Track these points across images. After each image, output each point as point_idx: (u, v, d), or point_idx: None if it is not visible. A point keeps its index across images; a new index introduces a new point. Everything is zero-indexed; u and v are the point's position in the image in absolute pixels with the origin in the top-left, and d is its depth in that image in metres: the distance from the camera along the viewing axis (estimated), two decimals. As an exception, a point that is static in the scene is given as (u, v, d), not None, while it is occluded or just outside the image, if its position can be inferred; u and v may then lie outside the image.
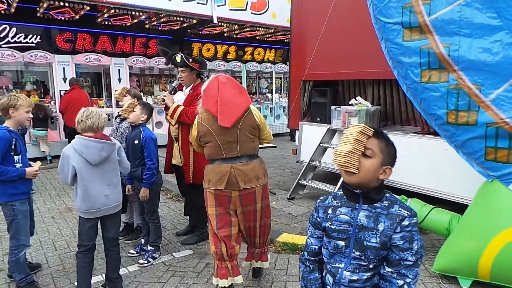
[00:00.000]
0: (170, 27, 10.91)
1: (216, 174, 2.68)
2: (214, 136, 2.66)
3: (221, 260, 2.74)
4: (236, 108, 2.64)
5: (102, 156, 2.73)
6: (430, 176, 4.29)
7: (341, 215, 1.44)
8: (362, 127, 1.39)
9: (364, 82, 5.60)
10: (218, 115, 2.61)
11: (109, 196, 2.81)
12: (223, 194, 2.69)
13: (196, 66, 3.81)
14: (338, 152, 1.39)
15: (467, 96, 2.78)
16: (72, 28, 9.85)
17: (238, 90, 2.76)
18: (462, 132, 2.92)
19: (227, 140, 2.65)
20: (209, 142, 2.70)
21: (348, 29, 5.20)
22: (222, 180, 2.65)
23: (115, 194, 2.87)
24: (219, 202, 2.73)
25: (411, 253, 1.36)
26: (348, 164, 1.37)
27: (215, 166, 2.72)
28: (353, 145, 1.37)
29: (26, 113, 2.99)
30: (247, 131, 2.69)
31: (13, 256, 2.98)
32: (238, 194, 2.69)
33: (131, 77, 10.30)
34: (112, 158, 2.82)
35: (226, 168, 2.66)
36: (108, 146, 2.77)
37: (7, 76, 9.37)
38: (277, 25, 10.89)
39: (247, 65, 11.94)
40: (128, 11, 8.83)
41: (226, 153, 2.68)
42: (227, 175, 2.65)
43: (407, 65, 3.06)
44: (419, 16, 2.89)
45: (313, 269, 1.58)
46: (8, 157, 2.87)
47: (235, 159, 2.69)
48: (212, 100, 2.66)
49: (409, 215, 1.37)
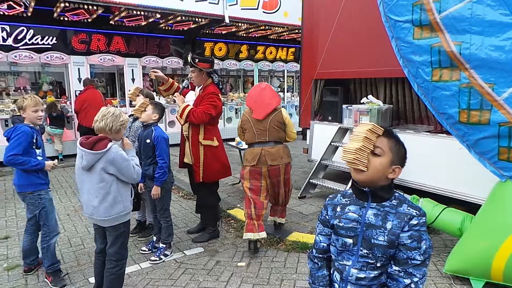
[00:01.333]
0: (182, 27, 11.01)
1: (251, 154, 3.62)
2: (251, 125, 3.65)
3: (250, 219, 3.61)
4: (267, 107, 3.62)
5: (82, 164, 2.52)
6: (442, 175, 4.23)
7: (350, 213, 1.46)
8: (371, 126, 1.40)
9: (376, 81, 5.55)
10: (253, 110, 3.64)
11: (96, 207, 2.57)
12: (256, 169, 3.60)
13: (205, 66, 3.82)
14: (347, 149, 1.40)
15: (479, 95, 2.74)
16: (87, 30, 10.05)
17: (272, 94, 3.73)
18: (474, 132, 2.88)
19: (260, 128, 3.62)
20: (247, 129, 3.69)
21: (359, 28, 5.16)
22: (255, 159, 3.58)
23: (103, 208, 2.57)
24: (252, 175, 3.62)
25: (419, 252, 1.36)
26: (356, 161, 1.37)
27: (250, 149, 3.67)
28: (362, 142, 1.38)
29: (34, 112, 3.12)
30: (275, 124, 3.62)
31: (45, 243, 3.18)
32: (267, 169, 3.60)
33: (144, 77, 10.44)
34: (96, 169, 2.51)
35: (258, 150, 3.60)
36: (88, 155, 2.48)
37: (25, 77, 9.62)
38: (289, 23, 10.87)
39: (259, 64, 11.95)
40: (141, 11, 8.95)
41: (258, 138, 3.62)
42: (259, 155, 3.58)
43: (418, 63, 3.03)
44: (430, 14, 2.85)
45: (321, 266, 1.60)
46: (30, 150, 3.08)
47: (265, 143, 3.61)
48: (251, 100, 3.72)
49: (417, 214, 1.37)
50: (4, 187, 6.33)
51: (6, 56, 8.07)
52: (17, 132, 3.03)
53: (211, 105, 3.72)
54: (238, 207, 4.97)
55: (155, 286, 3.16)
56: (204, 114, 3.67)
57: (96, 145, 2.49)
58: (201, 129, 3.81)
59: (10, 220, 4.76)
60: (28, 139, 3.03)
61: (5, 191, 6.09)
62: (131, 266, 3.51)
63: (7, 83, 9.35)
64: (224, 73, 13.10)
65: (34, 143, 3.11)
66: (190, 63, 3.77)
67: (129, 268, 3.46)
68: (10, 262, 3.62)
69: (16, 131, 3.04)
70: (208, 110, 3.69)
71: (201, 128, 3.81)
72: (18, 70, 9.34)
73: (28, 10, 8.70)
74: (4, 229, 4.44)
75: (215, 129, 3.97)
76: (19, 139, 2.99)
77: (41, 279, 3.28)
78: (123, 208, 2.65)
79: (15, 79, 9.49)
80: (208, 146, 3.84)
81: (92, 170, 2.52)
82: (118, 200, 2.61)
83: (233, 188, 5.97)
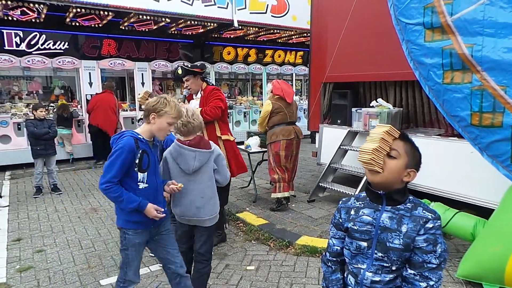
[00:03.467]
0: (191, 32, 11.10)
1: (287, 131, 4.78)
2: (283, 108, 4.82)
3: (275, 182, 4.90)
4: (292, 94, 4.98)
5: (194, 166, 2.54)
6: (454, 179, 4.18)
7: (364, 216, 1.45)
8: (389, 128, 1.40)
9: (386, 84, 5.52)
10: (285, 97, 4.84)
11: (200, 208, 2.60)
12: (290, 141, 4.79)
13: (198, 70, 3.98)
14: (364, 149, 1.40)
15: (492, 97, 2.71)
16: (97, 35, 10.19)
17: (289, 85, 5.11)
18: (486, 134, 2.84)
19: (290, 111, 4.89)
20: (280, 112, 4.80)
21: (368, 31, 5.15)
22: (291, 134, 4.79)
23: (208, 208, 2.63)
24: (288, 147, 4.80)
25: (434, 255, 1.35)
26: (373, 161, 1.37)
27: (283, 127, 4.81)
28: (378, 143, 1.38)
29: (168, 125, 2.33)
30: (296, 108, 5.05)
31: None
32: (296, 142, 4.87)
33: (154, 81, 10.53)
34: (206, 168, 2.58)
35: (290, 127, 4.85)
36: (201, 154, 2.54)
37: (37, 82, 9.78)
38: (298, 27, 10.89)
39: (267, 68, 11.97)
40: (151, 16, 9.05)
41: (289, 118, 4.86)
42: (293, 131, 4.82)
43: (429, 66, 3.01)
44: (441, 16, 2.84)
45: (335, 270, 1.59)
46: (132, 173, 2.25)
47: (293, 123, 4.95)
48: (279, 89, 4.88)
49: (433, 217, 1.37)
50: (16, 190, 6.43)
51: (19, 61, 8.22)
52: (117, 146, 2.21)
53: (218, 99, 3.86)
54: (247, 211, 4.97)
55: (165, 288, 3.17)
56: (215, 108, 3.81)
57: (201, 144, 2.56)
58: (216, 126, 3.93)
59: (23, 222, 4.82)
60: (126, 158, 2.19)
61: (17, 194, 6.18)
62: (141, 269, 3.51)
63: (20, 87, 9.52)
64: (233, 76, 13.15)
65: (137, 164, 2.22)
66: (183, 72, 3.92)
67: (139, 270, 3.49)
68: (23, 263, 3.66)
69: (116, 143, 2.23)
70: (217, 104, 3.83)
71: (216, 125, 3.92)
72: (31, 75, 9.50)
73: (41, 16, 8.86)
74: (17, 231, 4.50)
75: (227, 126, 4.13)
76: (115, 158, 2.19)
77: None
78: (216, 207, 2.71)
79: (27, 83, 9.65)
80: (227, 140, 4.01)
81: (201, 170, 2.57)
82: (216, 199, 2.71)
83: (242, 191, 5.97)
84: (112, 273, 3.43)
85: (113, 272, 3.45)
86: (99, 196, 5.95)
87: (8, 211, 5.25)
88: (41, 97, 9.67)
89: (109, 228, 4.56)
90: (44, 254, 3.87)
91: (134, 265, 2.42)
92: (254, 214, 4.81)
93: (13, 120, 7.93)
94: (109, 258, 3.77)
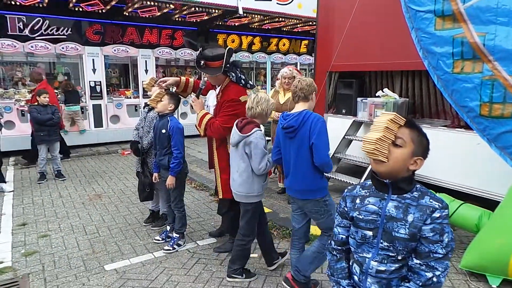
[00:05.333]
0: (195, 19, 10.97)
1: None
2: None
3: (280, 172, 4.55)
4: None
5: (232, 141, 2.89)
6: (460, 171, 4.16)
7: (369, 205, 1.43)
8: (393, 116, 1.36)
9: (392, 74, 5.46)
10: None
11: (235, 181, 2.94)
12: None
13: (216, 65, 3.14)
14: (367, 139, 1.37)
15: (503, 87, 2.67)
16: (101, 21, 10.07)
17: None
18: (496, 125, 2.81)
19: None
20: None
21: (375, 19, 5.07)
22: None
23: (239, 183, 2.91)
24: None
25: (441, 245, 1.33)
26: (377, 151, 1.34)
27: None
28: (383, 132, 1.35)
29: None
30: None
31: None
32: None
33: (157, 68, 10.46)
34: (238, 148, 2.86)
35: None
36: (235, 135, 2.84)
37: (41, 67, 9.73)
38: (303, 15, 10.73)
39: (271, 57, 11.86)
40: (155, 2, 8.93)
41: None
42: None
43: (439, 55, 2.96)
44: (453, 3, 2.77)
45: (340, 258, 1.58)
46: None
47: None
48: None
49: (440, 206, 1.34)
50: (20, 175, 6.46)
51: (22, 47, 8.17)
52: None
53: (230, 116, 3.10)
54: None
55: (168, 275, 3.18)
56: (223, 128, 3.12)
57: (245, 128, 2.81)
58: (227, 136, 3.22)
59: (27, 207, 4.85)
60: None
61: (21, 179, 6.20)
62: (145, 254, 3.55)
63: (23, 73, 9.48)
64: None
65: None
66: (196, 66, 3.21)
67: (143, 256, 3.51)
68: (28, 248, 3.69)
69: None
70: (227, 123, 3.09)
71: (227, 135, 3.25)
72: (34, 61, 9.44)
73: (44, 0, 8.76)
74: (22, 216, 4.53)
75: None
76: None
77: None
78: (252, 189, 2.90)
79: (31, 69, 9.60)
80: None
81: (238, 147, 2.88)
82: (250, 180, 2.88)
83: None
84: (116, 259, 3.46)
85: (117, 258, 3.48)
86: (103, 183, 5.97)
87: (13, 197, 5.28)
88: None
89: (113, 214, 4.58)
90: (48, 239, 3.90)
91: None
92: (257, 202, 4.82)
93: (16, 106, 7.92)
94: (113, 244, 3.79)
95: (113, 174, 6.55)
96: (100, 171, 6.76)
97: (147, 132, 3.91)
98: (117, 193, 5.47)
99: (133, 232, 4.07)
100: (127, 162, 7.49)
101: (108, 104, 9.17)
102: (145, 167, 3.98)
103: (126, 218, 4.48)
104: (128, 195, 5.36)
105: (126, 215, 4.56)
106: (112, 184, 5.95)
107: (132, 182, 5.92)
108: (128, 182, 6.05)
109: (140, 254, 3.56)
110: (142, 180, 3.96)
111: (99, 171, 6.79)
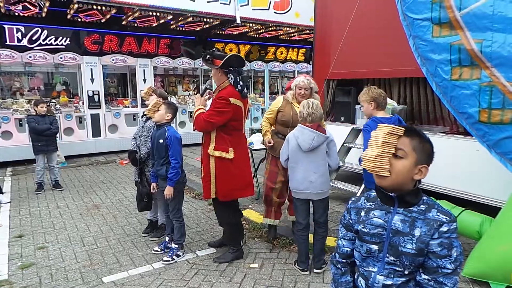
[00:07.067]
0: (193, 28, 11.04)
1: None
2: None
3: (268, 206, 3.88)
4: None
5: (311, 145, 3.03)
6: (459, 177, 4.14)
7: (375, 218, 1.38)
8: (390, 128, 1.32)
9: (390, 81, 5.47)
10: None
11: (313, 182, 3.10)
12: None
13: (218, 63, 3.24)
14: (366, 156, 1.33)
15: (501, 93, 2.66)
16: (99, 30, 10.13)
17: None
18: (495, 131, 2.80)
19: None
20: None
21: (373, 27, 5.09)
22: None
23: (320, 182, 3.11)
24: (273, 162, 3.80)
25: (449, 260, 1.28)
26: (377, 168, 1.31)
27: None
28: (381, 148, 1.31)
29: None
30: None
31: None
32: None
33: (156, 78, 10.47)
34: (320, 148, 3.08)
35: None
36: (319, 137, 3.04)
37: (39, 77, 9.73)
38: (301, 24, 10.82)
39: (269, 65, 11.91)
40: (153, 12, 8.99)
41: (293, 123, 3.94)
42: None
43: (437, 62, 2.96)
44: (449, 11, 2.79)
45: (345, 272, 1.54)
46: None
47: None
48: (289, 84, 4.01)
49: (448, 220, 1.29)
50: (18, 186, 6.41)
51: (21, 57, 8.17)
52: None
53: (216, 112, 3.18)
54: (250, 208, 4.94)
55: (167, 286, 3.14)
56: (205, 121, 3.18)
57: (319, 130, 3.06)
58: (212, 137, 3.29)
59: (24, 219, 4.80)
60: None
61: (18, 190, 6.16)
62: (144, 266, 3.50)
63: (21, 83, 9.47)
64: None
65: None
66: (203, 59, 3.30)
67: (141, 268, 3.46)
68: (24, 260, 3.64)
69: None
70: (211, 118, 3.17)
71: (213, 136, 3.29)
72: (32, 71, 9.45)
73: (43, 11, 8.81)
74: (18, 228, 4.48)
75: (232, 138, 3.32)
76: None
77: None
78: (329, 185, 3.22)
79: (29, 79, 9.61)
80: (219, 158, 3.27)
81: (317, 149, 3.08)
82: (327, 177, 3.18)
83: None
84: (115, 271, 3.41)
85: (115, 270, 3.43)
86: (100, 193, 5.93)
87: (10, 208, 5.23)
88: (42, 93, 9.63)
89: (111, 225, 4.53)
90: (46, 251, 3.85)
91: None
92: (257, 211, 4.78)
93: (14, 116, 7.89)
94: (111, 255, 3.74)
95: (111, 184, 6.51)
96: (98, 181, 6.72)
97: (145, 142, 3.89)
98: (115, 203, 5.43)
99: (132, 243, 4.02)
100: (125, 172, 7.46)
101: (106, 113, 9.15)
102: (143, 176, 3.95)
103: (124, 228, 4.44)
104: (126, 205, 5.32)
105: (125, 226, 4.52)
106: (110, 194, 5.90)
107: (130, 192, 5.88)
108: (126, 192, 6.00)
109: (138, 266, 3.51)
110: (140, 190, 3.92)
111: (97, 181, 6.75)
